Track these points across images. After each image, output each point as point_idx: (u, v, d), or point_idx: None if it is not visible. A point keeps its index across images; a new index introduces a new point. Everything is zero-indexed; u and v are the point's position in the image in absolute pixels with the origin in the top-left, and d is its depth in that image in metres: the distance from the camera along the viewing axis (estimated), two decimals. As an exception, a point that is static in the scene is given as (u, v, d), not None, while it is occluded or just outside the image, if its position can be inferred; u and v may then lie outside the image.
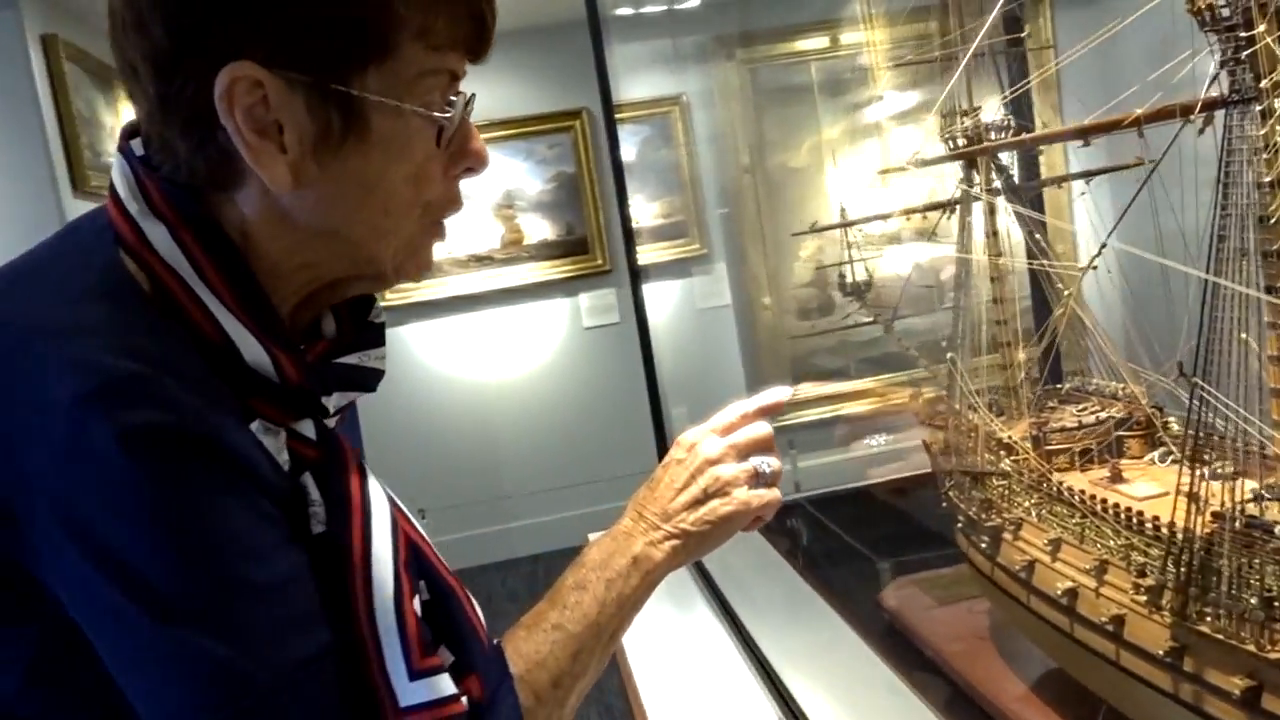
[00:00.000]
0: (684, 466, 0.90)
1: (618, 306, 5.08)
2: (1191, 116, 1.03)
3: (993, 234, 1.56)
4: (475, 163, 0.77)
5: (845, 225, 2.01)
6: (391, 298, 4.87)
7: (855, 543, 2.15)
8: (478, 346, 4.99)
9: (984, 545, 1.45)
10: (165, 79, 0.68)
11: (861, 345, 5.01)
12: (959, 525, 1.59)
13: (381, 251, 0.75)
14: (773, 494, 0.90)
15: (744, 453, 0.91)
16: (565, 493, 5.00)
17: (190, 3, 0.67)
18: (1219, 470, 1.04)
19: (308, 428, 0.73)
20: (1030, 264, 1.50)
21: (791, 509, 2.45)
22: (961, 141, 1.56)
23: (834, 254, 5.56)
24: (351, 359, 0.79)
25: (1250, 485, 1.04)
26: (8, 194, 3.26)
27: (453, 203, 0.78)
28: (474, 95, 0.77)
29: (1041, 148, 1.79)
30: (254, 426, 0.69)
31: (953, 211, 1.61)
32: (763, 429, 0.92)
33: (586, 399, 5.08)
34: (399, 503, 0.77)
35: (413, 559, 0.74)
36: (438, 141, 0.72)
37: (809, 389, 1.19)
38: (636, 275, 2.72)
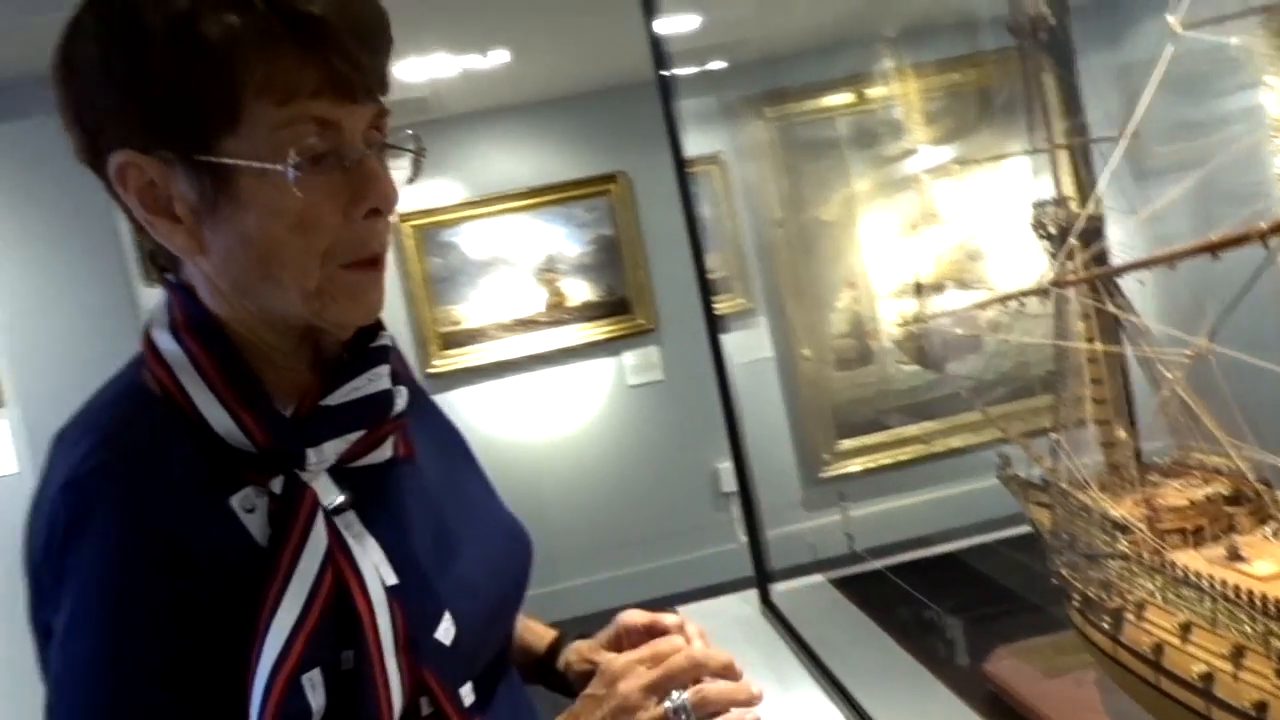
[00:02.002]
0: (600, 706, 0.83)
1: (661, 364, 5.16)
2: (1317, 229, 1.09)
3: (1089, 316, 1.62)
4: (380, 202, 0.77)
5: (974, 307, 2.06)
6: (438, 364, 4.96)
7: (948, 610, 2.19)
8: (523, 409, 5.05)
9: (1106, 626, 1.49)
10: (100, 176, 0.77)
11: (902, 393, 5.06)
12: (1074, 604, 1.63)
13: (289, 301, 0.77)
14: None
15: (665, 689, 0.83)
16: (613, 552, 5.03)
17: (77, 107, 0.75)
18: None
19: (278, 484, 0.76)
20: (1132, 351, 1.55)
21: (878, 574, 2.49)
22: (1053, 230, 1.63)
23: (868, 305, 5.61)
24: (345, 390, 0.80)
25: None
26: (83, 285, 3.38)
27: (363, 243, 0.78)
28: (382, 141, 0.78)
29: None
30: (237, 499, 0.74)
31: (1048, 294, 1.67)
32: (681, 660, 0.84)
33: (632, 457, 5.13)
34: (359, 565, 0.75)
35: (333, 629, 0.73)
36: (281, 188, 0.73)
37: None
38: (715, 326, 2.75)
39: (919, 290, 2.34)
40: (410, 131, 0.81)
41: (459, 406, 4.99)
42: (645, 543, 5.03)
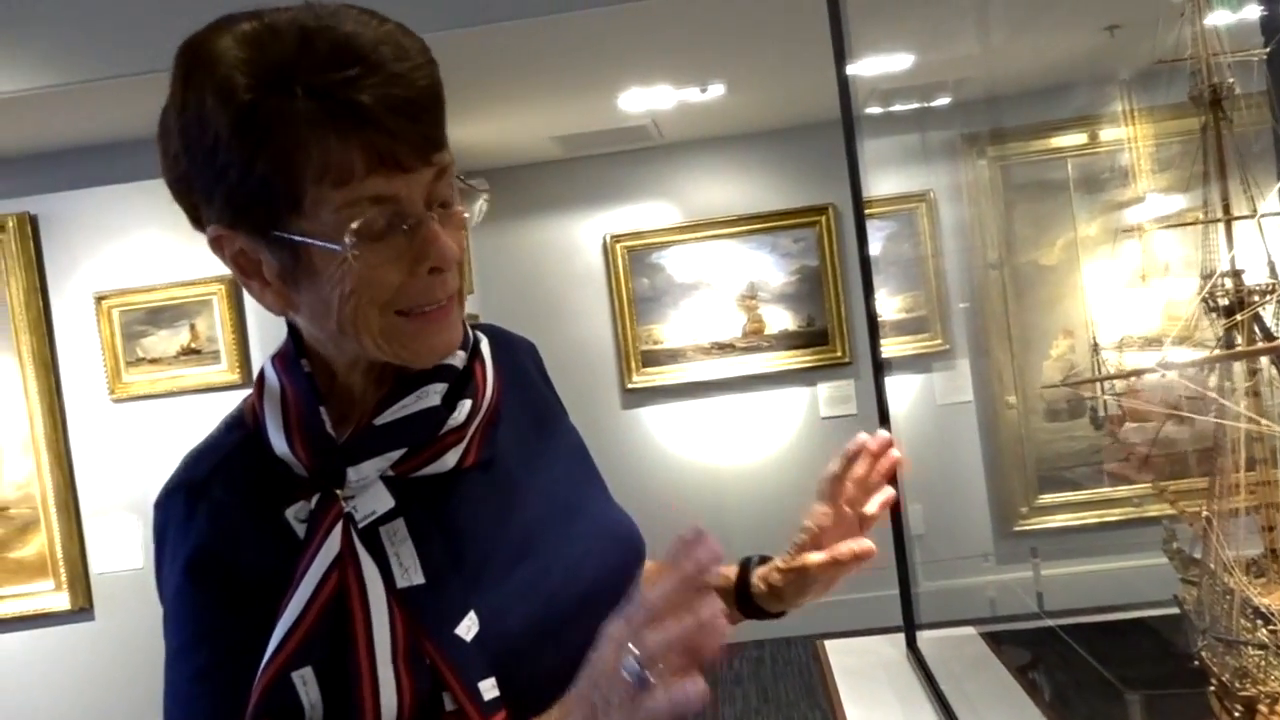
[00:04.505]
0: (592, 668, 0.73)
1: (855, 398, 5.12)
2: None
3: (1255, 394, 1.56)
4: (439, 261, 0.81)
5: (1101, 380, 2.02)
6: (637, 380, 5.15)
7: (1097, 679, 2.12)
8: (715, 430, 5.15)
9: (1238, 714, 1.43)
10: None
11: (1116, 450, 4.78)
12: (1211, 688, 1.56)
13: (366, 349, 0.83)
14: (655, 703, 0.66)
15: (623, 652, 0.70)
16: (794, 580, 5.02)
17: (175, 188, 0.84)
18: None
19: (315, 500, 0.83)
20: (1295, 432, 1.48)
21: (1030, 632, 2.43)
22: (1224, 303, 1.58)
23: (1086, 357, 5.33)
24: (394, 410, 0.86)
25: None
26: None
27: (425, 295, 0.82)
28: (447, 194, 0.82)
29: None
30: (291, 511, 0.83)
31: (1213, 369, 1.62)
32: (635, 613, 0.70)
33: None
34: (363, 572, 0.81)
35: (330, 631, 0.79)
36: (344, 261, 0.77)
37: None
38: (880, 368, 2.76)
39: (1095, 350, 2.27)
40: (471, 180, 0.87)
41: (651, 423, 5.15)
42: (824, 575, 5.00)
